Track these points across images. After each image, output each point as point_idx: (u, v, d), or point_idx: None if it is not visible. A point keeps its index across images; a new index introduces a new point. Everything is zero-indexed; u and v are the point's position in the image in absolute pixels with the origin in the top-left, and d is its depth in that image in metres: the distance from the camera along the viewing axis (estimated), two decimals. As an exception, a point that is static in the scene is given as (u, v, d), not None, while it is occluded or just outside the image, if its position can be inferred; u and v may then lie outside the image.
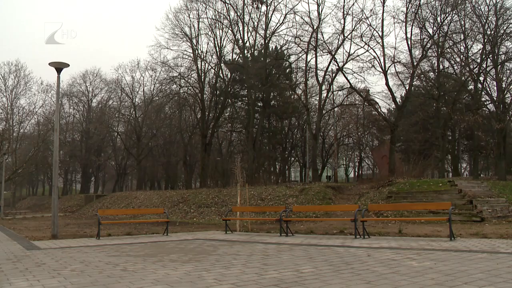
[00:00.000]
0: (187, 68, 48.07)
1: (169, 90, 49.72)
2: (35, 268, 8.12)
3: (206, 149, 46.61)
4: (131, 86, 60.32)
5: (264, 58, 45.58)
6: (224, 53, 47.93)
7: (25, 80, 52.67)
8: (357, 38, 36.34)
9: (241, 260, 8.58)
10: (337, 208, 20.30)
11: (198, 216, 28.48)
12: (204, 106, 47.45)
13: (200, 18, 46.20)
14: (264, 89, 44.54)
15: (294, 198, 26.55)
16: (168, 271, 7.39)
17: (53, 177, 16.72)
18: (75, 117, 70.95)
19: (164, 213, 17.19)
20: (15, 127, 53.47)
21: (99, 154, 66.75)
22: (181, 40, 46.86)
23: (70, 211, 47.04)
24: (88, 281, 6.57)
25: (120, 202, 41.47)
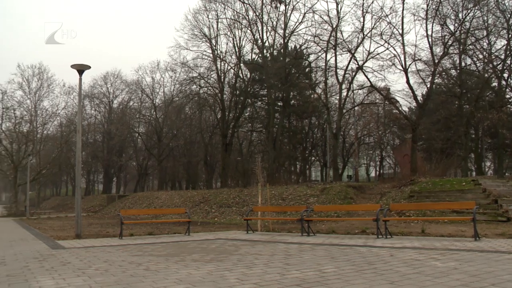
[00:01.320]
0: (206, 68, 48.34)
1: (189, 90, 50.02)
2: (61, 267, 8.23)
3: (226, 149, 46.74)
4: (151, 87, 60.88)
5: (283, 58, 45.53)
6: (243, 53, 48.08)
7: (48, 82, 53.45)
8: (377, 36, 36.09)
9: (263, 260, 8.57)
10: (358, 208, 20.14)
11: (219, 216, 28.56)
12: (224, 106, 47.59)
13: (219, 18, 46.42)
14: (283, 88, 44.48)
15: (315, 197, 26.45)
16: (191, 270, 7.42)
17: (76, 178, 16.92)
18: (97, 118, 71.82)
19: (185, 213, 17.26)
20: (39, 129, 54.33)
21: (121, 155, 67.42)
22: (200, 41, 47.16)
23: (93, 211, 47.60)
24: (112, 280, 6.63)
25: (141, 202, 41.81)
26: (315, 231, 14.77)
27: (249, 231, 16.05)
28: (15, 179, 49.80)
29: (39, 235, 17.29)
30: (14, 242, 14.35)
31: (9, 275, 7.44)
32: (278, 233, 15.55)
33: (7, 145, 51.04)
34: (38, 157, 54.23)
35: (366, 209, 19.13)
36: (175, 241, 13.22)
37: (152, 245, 12.07)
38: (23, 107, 51.91)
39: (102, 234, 16.58)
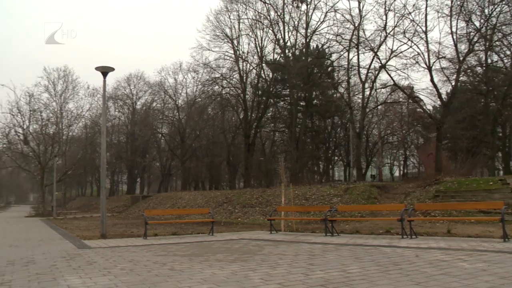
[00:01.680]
0: (228, 69, 48.49)
1: (212, 91, 50.24)
2: (87, 266, 8.37)
3: (249, 149, 46.81)
4: (174, 88, 61.35)
5: (305, 57, 45.39)
6: (265, 53, 48.09)
7: (73, 84, 54.23)
8: (399, 34, 35.68)
9: (287, 260, 8.56)
10: (382, 208, 19.96)
11: (242, 216, 28.60)
12: (247, 107, 47.67)
13: (241, 19, 46.53)
14: (306, 88, 44.34)
15: (339, 197, 26.30)
16: (215, 270, 7.45)
17: (101, 179, 17.15)
18: (121, 120, 72.62)
19: (209, 213, 17.34)
20: (64, 130, 55.12)
21: (144, 156, 68.03)
22: (222, 41, 47.34)
23: (117, 211, 48.12)
24: (137, 280, 6.71)
25: (165, 203, 42.12)
26: (338, 231, 14.70)
27: (273, 231, 16.05)
28: (42, 180, 50.70)
29: (66, 234, 17.57)
30: (42, 241, 14.62)
31: (39, 273, 7.62)
32: (301, 233, 15.52)
33: (34, 146, 51.97)
34: (64, 158, 55.07)
35: (390, 209, 18.95)
36: (199, 241, 13.29)
37: (176, 245, 12.16)
38: (49, 109, 52.82)
39: (126, 234, 16.77)
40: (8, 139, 51.07)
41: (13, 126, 50.15)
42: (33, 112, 50.95)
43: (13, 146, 52.58)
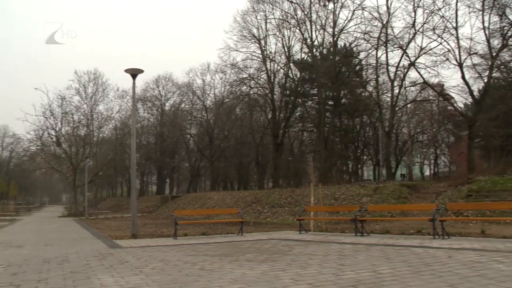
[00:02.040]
0: (256, 69, 48.56)
1: (239, 91, 50.36)
2: (119, 265, 8.50)
3: (277, 149, 46.78)
4: (202, 89, 61.75)
5: (333, 56, 45.10)
6: (292, 52, 48.00)
7: (102, 87, 55.24)
8: (429, 31, 35.08)
9: (317, 260, 8.52)
10: (413, 208, 19.68)
11: (271, 216, 28.60)
12: (275, 107, 47.66)
13: (268, 19, 46.54)
14: (334, 87, 44.06)
15: (368, 197, 26.05)
16: (245, 270, 7.47)
17: (131, 180, 17.38)
18: (149, 121, 73.50)
19: (238, 213, 17.38)
20: (95, 132, 56.15)
21: (173, 156, 68.68)
22: (250, 42, 47.44)
23: (147, 212, 48.68)
24: (168, 279, 6.77)
25: (194, 203, 42.42)
26: (368, 231, 14.56)
27: (302, 231, 16.00)
28: (74, 181, 51.74)
29: (98, 234, 17.88)
30: (75, 240, 14.91)
31: (73, 271, 7.80)
32: (331, 233, 15.43)
33: (66, 148, 53.09)
34: (95, 159, 56.08)
35: (421, 209, 18.67)
36: (228, 241, 13.34)
37: (206, 245, 12.23)
38: (80, 112, 53.96)
39: (157, 234, 16.96)
40: (41, 141, 52.38)
41: (46, 128, 51.45)
42: (65, 115, 52.16)
43: (46, 148, 53.86)
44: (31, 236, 17.93)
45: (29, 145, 55.15)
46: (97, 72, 55.48)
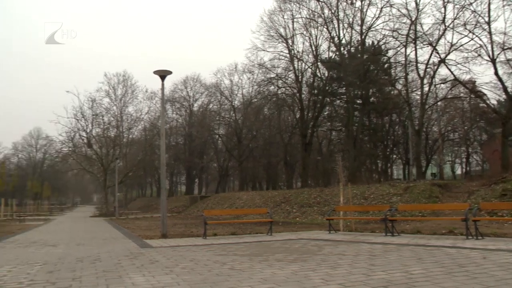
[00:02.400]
0: (284, 68, 48.53)
1: (267, 91, 50.40)
2: (150, 265, 8.60)
3: (306, 148, 46.65)
4: (230, 89, 62.04)
5: (361, 55, 44.72)
6: (320, 51, 47.80)
7: (132, 89, 55.97)
8: (460, 26, 34.35)
9: (347, 260, 8.46)
10: (445, 207, 19.34)
11: (300, 216, 28.52)
12: (303, 106, 47.54)
13: (295, 18, 46.48)
14: (362, 86, 43.69)
15: (398, 196, 25.72)
16: (275, 270, 7.47)
17: (161, 180, 17.56)
18: (178, 122, 74.13)
19: (267, 213, 17.38)
20: (125, 133, 56.96)
21: (202, 157, 69.14)
22: (277, 41, 47.45)
23: (177, 212, 49.09)
24: (199, 279, 6.82)
25: (223, 203, 42.60)
26: (399, 231, 14.37)
27: (331, 231, 15.91)
28: (105, 182, 52.57)
29: (128, 234, 18.13)
30: (106, 240, 15.15)
31: (105, 270, 7.94)
32: (360, 233, 15.29)
33: (97, 149, 54.02)
34: (124, 160, 56.88)
35: (453, 209, 18.32)
36: (257, 241, 13.35)
37: (236, 244, 12.27)
38: (110, 113, 54.81)
39: (186, 234, 17.08)
40: (73, 142, 53.42)
41: (78, 130, 52.42)
42: (96, 117, 53.04)
43: (77, 149, 54.88)
44: (64, 235, 18.30)
45: (61, 147, 56.47)
46: (126, 74, 56.31)
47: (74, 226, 26.18)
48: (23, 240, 15.93)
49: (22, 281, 7.08)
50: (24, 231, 21.39)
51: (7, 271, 8.30)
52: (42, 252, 11.46)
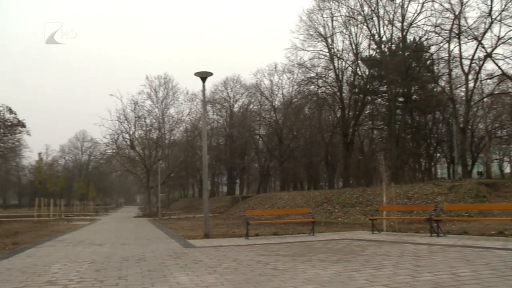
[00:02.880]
0: (324, 67, 48.26)
1: (307, 91, 50.23)
2: (193, 264, 8.70)
3: (347, 148, 46.23)
4: (270, 89, 62.09)
5: (402, 52, 43.90)
6: (360, 49, 47.30)
7: (173, 91, 56.84)
8: (508, 18, 33.25)
9: (392, 261, 8.32)
10: (493, 207, 18.74)
11: (342, 216, 28.24)
12: (344, 105, 47.13)
13: (334, 16, 46.11)
14: (404, 83, 42.84)
15: (443, 196, 25.09)
16: (318, 270, 7.42)
17: (203, 181, 17.74)
18: (219, 123, 74.72)
19: (309, 213, 17.29)
20: (167, 135, 57.90)
21: (243, 157, 69.42)
22: (316, 40, 47.21)
23: (218, 212, 49.44)
24: (242, 279, 6.85)
25: (265, 203, 42.65)
26: (445, 232, 14.01)
27: (375, 231, 15.67)
28: (148, 182, 53.57)
29: (171, 234, 18.38)
30: (150, 240, 15.42)
31: (150, 270, 8.10)
32: (404, 233, 15.00)
33: (140, 151, 55.06)
34: (167, 161, 57.75)
35: (502, 208, 17.72)
36: (300, 241, 13.30)
37: (278, 245, 12.25)
38: (152, 115, 55.80)
39: (228, 234, 17.19)
40: (117, 144, 54.66)
41: (121, 132, 53.62)
42: (138, 119, 54.11)
43: (121, 151, 56.11)
44: (109, 235, 18.72)
45: (106, 149, 57.87)
46: (167, 76, 57.16)
47: (118, 226, 26.75)
48: (71, 239, 16.40)
49: (72, 279, 7.34)
50: (72, 231, 22.02)
51: (58, 268, 8.62)
52: (90, 251, 11.76)
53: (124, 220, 36.98)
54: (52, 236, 18.35)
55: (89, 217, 44.33)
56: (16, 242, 14.92)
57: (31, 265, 9.11)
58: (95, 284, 6.81)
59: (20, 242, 15.01)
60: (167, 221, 32.39)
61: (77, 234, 19.64)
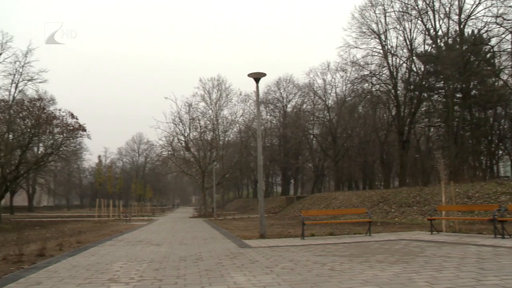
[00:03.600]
0: (377, 65, 47.40)
1: (361, 89, 49.59)
2: (250, 264, 8.74)
3: (403, 146, 45.21)
4: (323, 88, 61.65)
5: (460, 45, 42.39)
6: (415, 45, 46.09)
7: (226, 92, 57.26)
8: None
9: (453, 263, 8.04)
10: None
11: (399, 216, 27.64)
12: (399, 103, 46.12)
13: (387, 12, 45.18)
14: (462, 78, 41.36)
15: (507, 195, 24.04)
16: (376, 272, 7.28)
17: (259, 181, 17.80)
18: (272, 123, 74.93)
19: (366, 213, 17.02)
20: (221, 136, 58.38)
21: (297, 157, 69.19)
22: (369, 38, 46.44)
23: (273, 212, 49.53)
24: (299, 279, 6.81)
25: (319, 203, 42.39)
26: (510, 233, 13.42)
27: (433, 232, 15.23)
28: (203, 183, 54.32)
29: (227, 234, 18.53)
30: (207, 240, 15.61)
31: (207, 269, 8.20)
32: (466, 234, 14.49)
33: (194, 152, 55.95)
34: (221, 162, 58.36)
35: None
36: (356, 241, 13.12)
37: (334, 245, 12.13)
38: (206, 117, 56.49)
39: (284, 234, 17.16)
40: (172, 146, 55.71)
41: (176, 134, 54.69)
42: (192, 121, 54.97)
43: (176, 152, 57.21)
44: (166, 235, 19.09)
45: (161, 151, 59.19)
46: (220, 78, 57.73)
47: (175, 227, 27.24)
48: (130, 238, 16.85)
49: (133, 277, 7.55)
50: (131, 231, 22.62)
51: (119, 267, 8.89)
52: (148, 251, 12.04)
53: (180, 221, 37.62)
54: (112, 235, 18.93)
55: (146, 218, 45.42)
56: (80, 241, 15.51)
57: (94, 263, 9.45)
58: (154, 282, 6.96)
59: (83, 241, 15.58)
60: (222, 222, 32.74)
61: (136, 234, 20.16)
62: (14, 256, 10.61)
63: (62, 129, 36.67)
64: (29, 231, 23.86)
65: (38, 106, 35.96)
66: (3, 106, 35.12)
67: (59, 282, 7.11)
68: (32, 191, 78.26)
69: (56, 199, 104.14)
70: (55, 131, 36.96)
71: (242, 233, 18.38)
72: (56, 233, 21.65)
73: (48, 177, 69.45)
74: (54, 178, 76.69)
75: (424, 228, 17.49)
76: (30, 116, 35.34)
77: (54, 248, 12.76)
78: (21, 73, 35.53)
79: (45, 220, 40.18)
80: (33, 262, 9.92)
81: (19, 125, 36.36)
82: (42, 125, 35.38)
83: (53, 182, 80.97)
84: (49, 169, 58.23)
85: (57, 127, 36.63)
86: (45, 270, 8.53)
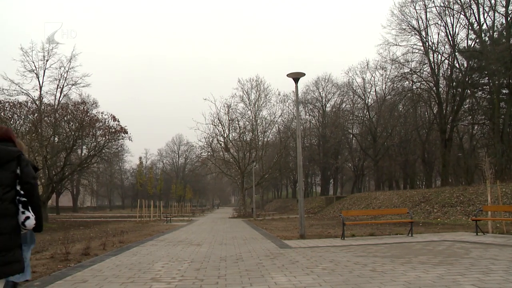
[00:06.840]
0: (418, 62, 46.50)
1: (401, 87, 48.74)
2: (290, 265, 8.69)
3: (446, 145, 44.16)
4: (363, 87, 61.01)
5: (506, 39, 40.97)
6: (457, 41, 44.81)
7: (264, 93, 57.24)
8: None
9: (501, 265, 7.76)
10: None
11: (442, 216, 26.99)
12: (441, 100, 45.08)
13: (427, 8, 44.20)
14: (509, 74, 40.02)
15: (558, 195, 23.17)
16: (419, 273, 7.11)
17: (298, 181, 17.74)
18: (311, 123, 74.57)
19: (407, 213, 16.69)
20: (260, 137, 58.42)
21: (336, 157, 68.65)
22: (409, 34, 45.57)
23: (312, 213, 49.28)
24: (340, 280, 6.73)
25: (359, 203, 41.89)
26: (561, 234, 12.90)
27: (479, 233, 14.78)
28: (242, 184, 54.56)
29: (267, 234, 18.53)
30: (246, 240, 15.64)
31: (247, 270, 8.21)
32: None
33: (234, 153, 56.21)
34: (260, 163, 58.42)
35: None
36: (398, 242, 12.87)
37: (375, 246, 11.94)
38: (245, 118, 56.67)
39: (324, 235, 17.02)
40: (211, 147, 56.13)
41: (215, 135, 55.06)
42: (231, 122, 55.21)
43: (216, 153, 57.60)
44: (206, 235, 19.24)
45: (201, 152, 59.63)
46: (258, 79, 57.78)
47: (215, 227, 27.44)
48: (171, 239, 17.06)
49: (175, 277, 7.63)
50: (171, 231, 22.91)
51: (161, 266, 9.02)
52: (189, 251, 12.15)
53: (220, 221, 37.87)
54: (154, 235, 19.21)
55: (186, 218, 45.94)
56: (122, 241, 15.80)
57: (136, 263, 9.61)
58: (196, 282, 7.00)
59: (125, 241, 15.87)
60: (261, 222, 32.76)
61: (176, 234, 20.40)
62: (61, 254, 10.94)
63: (104, 131, 37.65)
64: (74, 231, 24.54)
65: (82, 109, 37.00)
66: (49, 110, 36.25)
67: (104, 281, 7.26)
68: (76, 192, 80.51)
69: (99, 199, 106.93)
70: (98, 133, 37.97)
71: (281, 233, 18.34)
72: (99, 233, 22.18)
73: (91, 178, 71.41)
74: (97, 179, 78.52)
75: (469, 229, 17.02)
76: (74, 120, 36.45)
77: (98, 248, 13.05)
78: (65, 78, 36.63)
79: (89, 220, 41.29)
80: (78, 260, 10.20)
81: (64, 128, 37.54)
82: (86, 128, 36.43)
83: (96, 183, 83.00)
84: (92, 171, 59.85)
85: (99, 129, 37.64)
86: (90, 269, 8.76)
